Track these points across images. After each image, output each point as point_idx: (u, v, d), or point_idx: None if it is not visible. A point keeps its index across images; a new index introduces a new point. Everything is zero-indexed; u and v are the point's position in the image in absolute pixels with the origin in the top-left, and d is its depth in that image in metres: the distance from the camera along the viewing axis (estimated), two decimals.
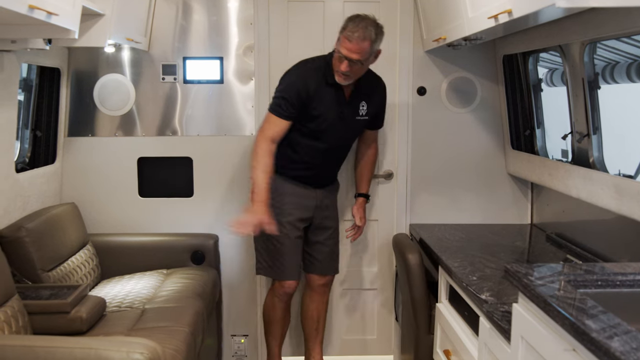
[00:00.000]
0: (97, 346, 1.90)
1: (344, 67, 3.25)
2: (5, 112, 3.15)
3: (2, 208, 3.20)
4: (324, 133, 3.45)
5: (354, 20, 3.24)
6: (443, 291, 3.28)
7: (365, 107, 3.54)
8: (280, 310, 3.69)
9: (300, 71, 3.41)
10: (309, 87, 3.34)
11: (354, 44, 3.20)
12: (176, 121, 3.99)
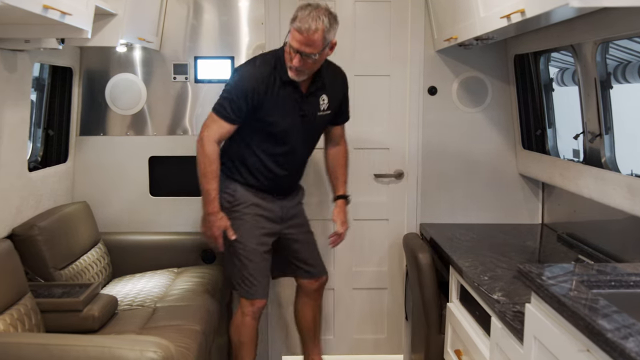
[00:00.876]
0: (110, 345, 1.91)
1: (296, 61, 2.98)
2: (18, 112, 3.17)
3: (15, 207, 3.22)
4: (285, 135, 3.19)
5: (305, 9, 2.95)
6: (454, 291, 3.27)
7: (326, 100, 3.24)
8: (252, 330, 3.37)
9: (250, 68, 3.12)
10: (259, 88, 3.06)
11: (304, 35, 2.91)
12: (187, 120, 4.00)
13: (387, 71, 4.01)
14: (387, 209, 4.11)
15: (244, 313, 3.31)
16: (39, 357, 1.93)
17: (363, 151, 4.05)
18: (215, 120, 3.12)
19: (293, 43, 2.95)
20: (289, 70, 3.05)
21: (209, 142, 3.11)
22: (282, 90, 3.11)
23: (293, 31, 2.95)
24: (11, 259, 2.82)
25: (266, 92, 3.07)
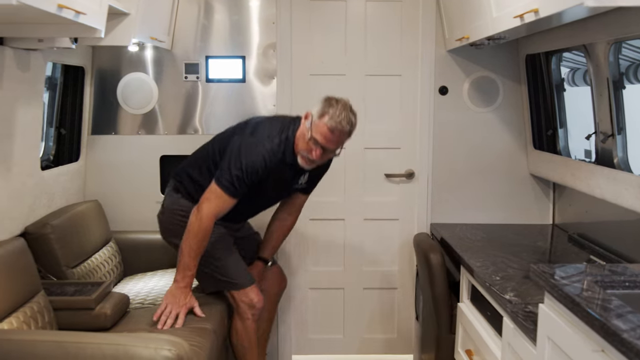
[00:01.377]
0: (125, 342, 1.92)
1: (316, 155, 2.97)
2: (31, 111, 3.19)
3: (28, 205, 3.24)
4: (261, 193, 3.20)
5: (334, 106, 2.96)
6: (465, 291, 3.27)
7: (306, 176, 3.30)
8: (254, 332, 3.32)
9: (266, 152, 2.99)
10: (269, 168, 3.01)
11: (336, 135, 2.94)
12: (198, 120, 4.02)
13: (398, 71, 4.01)
14: (397, 208, 4.11)
15: (243, 318, 3.25)
16: (54, 355, 1.94)
17: (374, 151, 4.06)
18: (220, 197, 2.98)
19: (319, 138, 2.93)
20: (302, 158, 3.03)
21: (209, 219, 2.98)
22: (282, 168, 3.10)
23: (322, 127, 2.92)
24: (24, 257, 2.83)
25: (273, 170, 3.04)
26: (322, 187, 4.01)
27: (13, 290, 2.64)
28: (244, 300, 3.22)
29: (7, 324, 2.54)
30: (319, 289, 4.16)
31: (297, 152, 3.03)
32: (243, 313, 3.25)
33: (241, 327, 3.30)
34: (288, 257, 4.10)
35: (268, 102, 4.00)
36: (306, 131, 2.97)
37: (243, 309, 3.24)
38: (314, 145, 2.95)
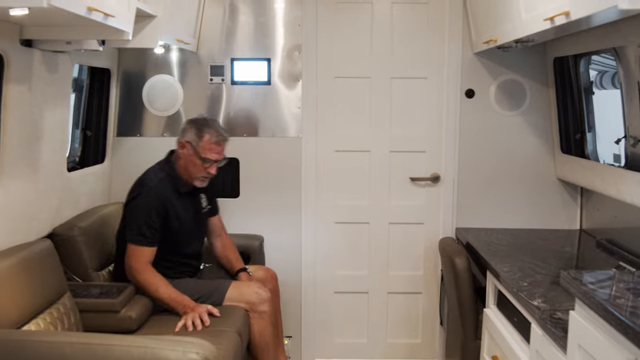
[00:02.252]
0: (153, 345, 1.91)
1: (214, 170, 3.28)
2: (58, 112, 3.20)
3: (55, 206, 3.25)
4: (185, 239, 3.35)
5: (206, 124, 3.27)
6: (491, 296, 3.23)
7: (204, 198, 3.49)
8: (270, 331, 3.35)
9: (152, 191, 3.20)
10: (165, 202, 3.20)
11: (222, 146, 3.27)
12: (223, 122, 4.01)
13: (424, 73, 3.98)
14: (422, 212, 4.08)
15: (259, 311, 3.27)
16: (82, 357, 1.94)
17: (399, 154, 4.03)
18: (137, 250, 3.14)
19: (212, 156, 3.24)
20: (198, 180, 3.29)
21: (141, 271, 3.12)
22: (181, 201, 3.29)
23: (209, 146, 3.22)
24: (51, 258, 2.85)
25: (171, 205, 3.22)
26: (347, 190, 4.03)
27: (40, 292, 2.66)
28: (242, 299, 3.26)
29: (34, 325, 2.56)
30: (343, 292, 4.14)
31: (193, 178, 3.28)
32: (255, 308, 3.26)
33: (257, 326, 3.29)
34: (312, 259, 4.09)
35: (293, 105, 3.99)
36: (191, 157, 3.24)
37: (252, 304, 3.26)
38: (208, 163, 3.24)
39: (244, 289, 3.32)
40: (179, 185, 3.29)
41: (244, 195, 4.06)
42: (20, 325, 2.48)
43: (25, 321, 2.52)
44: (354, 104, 4.02)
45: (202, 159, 3.22)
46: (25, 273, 2.61)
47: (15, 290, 2.52)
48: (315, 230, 4.08)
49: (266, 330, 3.30)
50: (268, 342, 3.32)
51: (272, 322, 3.35)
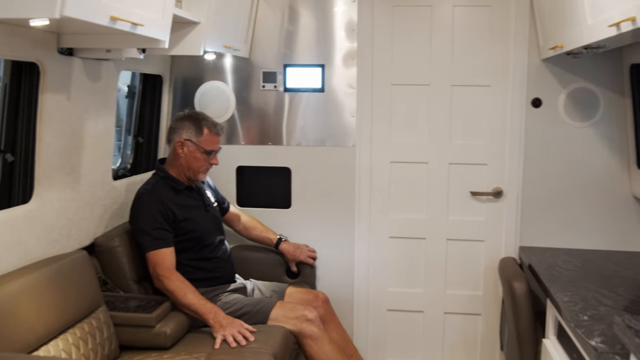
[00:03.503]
0: None
1: (217, 160, 3.33)
2: (102, 121, 3.16)
3: (98, 216, 3.21)
4: (204, 232, 3.31)
5: (200, 117, 3.29)
6: (551, 326, 2.96)
7: (210, 194, 3.51)
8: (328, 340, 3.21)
9: (147, 195, 3.20)
10: (165, 202, 3.16)
11: (220, 135, 3.35)
12: (275, 130, 3.90)
13: (487, 81, 3.73)
14: (483, 229, 3.82)
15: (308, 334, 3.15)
16: None
17: (459, 166, 3.79)
18: (156, 257, 3.09)
19: (214, 147, 3.30)
20: (200, 174, 3.31)
21: (165, 276, 3.06)
22: (183, 198, 3.28)
23: (209, 137, 3.26)
24: (86, 270, 2.79)
25: (173, 203, 3.20)
26: (402, 204, 3.84)
27: (70, 305, 2.60)
28: (291, 316, 3.16)
29: (62, 340, 2.50)
30: (397, 310, 3.94)
31: (197, 173, 3.29)
32: (303, 330, 3.14)
33: (311, 350, 3.15)
34: (365, 275, 3.91)
35: (347, 113, 3.82)
36: (194, 153, 3.25)
37: (298, 327, 3.15)
38: (210, 155, 3.28)
39: (289, 311, 3.19)
40: (176, 184, 3.27)
41: (295, 206, 3.92)
42: (46, 341, 2.42)
43: (52, 336, 2.46)
44: (412, 112, 3.81)
45: (206, 152, 3.25)
46: (54, 286, 2.55)
47: (43, 303, 2.46)
48: (369, 245, 3.90)
49: (323, 354, 3.14)
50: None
51: (332, 343, 3.20)
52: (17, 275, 2.45)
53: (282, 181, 3.92)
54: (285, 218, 3.92)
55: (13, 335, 2.24)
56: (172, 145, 3.29)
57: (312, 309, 3.22)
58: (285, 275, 3.77)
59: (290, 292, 3.45)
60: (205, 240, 3.31)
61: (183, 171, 3.28)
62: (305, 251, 3.76)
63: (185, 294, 3.00)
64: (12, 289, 2.35)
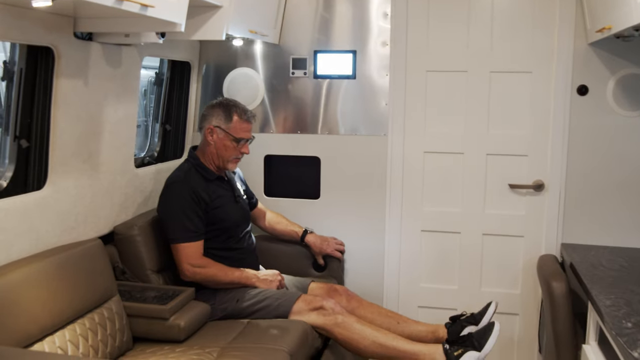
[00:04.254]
0: None
1: (248, 149, 3.24)
2: (123, 107, 3.08)
3: (119, 204, 3.14)
4: (232, 222, 3.23)
5: (230, 104, 3.21)
6: (592, 331, 2.75)
7: (238, 184, 3.43)
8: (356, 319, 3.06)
9: (180, 184, 3.11)
10: (197, 191, 3.08)
11: (251, 123, 3.23)
12: (305, 118, 3.76)
13: (528, 67, 3.51)
14: (522, 224, 3.61)
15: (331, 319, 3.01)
16: None
17: (497, 157, 3.59)
18: (184, 250, 3.04)
19: (244, 134, 3.19)
20: (230, 163, 3.21)
21: (205, 266, 3.06)
22: (214, 187, 3.19)
23: (239, 125, 3.17)
24: (98, 259, 2.72)
25: (205, 191, 3.13)
26: (436, 196, 3.66)
27: (80, 295, 2.53)
28: (310, 308, 3.03)
29: (70, 330, 2.44)
30: (429, 307, 3.77)
31: (227, 162, 3.20)
32: (327, 322, 3.01)
33: (341, 337, 2.99)
34: (395, 269, 3.75)
35: (380, 101, 3.66)
36: (223, 141, 3.16)
37: (322, 320, 3.01)
38: (241, 143, 3.18)
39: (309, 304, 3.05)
40: (207, 174, 3.18)
41: (324, 196, 3.79)
42: (52, 332, 2.35)
43: (59, 327, 2.39)
44: (447, 100, 3.62)
45: (236, 139, 3.16)
46: (63, 274, 2.49)
47: (50, 293, 2.39)
48: (400, 238, 3.73)
49: (356, 334, 2.97)
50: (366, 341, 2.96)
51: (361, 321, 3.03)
52: (25, 262, 2.40)
53: (311, 171, 3.79)
54: (314, 209, 3.79)
55: (13, 326, 2.18)
56: (203, 133, 3.20)
57: (330, 299, 3.09)
58: (311, 269, 3.65)
59: (312, 288, 3.32)
60: (233, 231, 3.22)
61: (213, 160, 3.20)
62: (333, 244, 3.62)
63: (226, 273, 3.06)
64: (16, 277, 2.29)
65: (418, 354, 2.94)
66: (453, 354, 2.90)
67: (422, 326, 3.21)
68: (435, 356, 2.92)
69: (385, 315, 3.27)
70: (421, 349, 2.95)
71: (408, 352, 2.95)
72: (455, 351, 2.90)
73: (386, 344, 2.96)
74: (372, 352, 2.98)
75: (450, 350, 2.91)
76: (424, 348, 2.95)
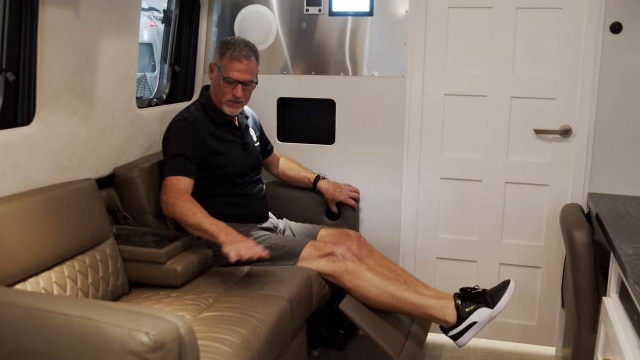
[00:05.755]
0: (98, 317, 1.57)
1: (239, 92, 2.99)
2: (122, 42, 2.93)
3: (120, 145, 3.03)
4: (237, 170, 3.08)
5: (229, 42, 3.02)
6: (613, 282, 2.55)
7: (254, 133, 3.28)
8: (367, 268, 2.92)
9: (183, 123, 3.00)
10: (200, 131, 2.98)
11: (244, 63, 2.98)
12: (319, 59, 3.57)
13: (558, 3, 3.23)
14: (548, 172, 3.39)
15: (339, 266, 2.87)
16: (19, 321, 1.65)
17: (522, 101, 3.35)
18: (171, 183, 2.85)
19: (234, 75, 2.97)
20: (226, 105, 3.04)
21: (177, 199, 2.80)
22: (221, 132, 3.08)
23: (230, 63, 2.97)
24: (91, 200, 2.61)
25: (209, 136, 3.01)
26: (457, 142, 3.48)
27: (69, 236, 2.43)
28: (321, 254, 2.91)
29: (57, 272, 2.34)
30: (448, 259, 3.59)
31: (222, 104, 3.04)
32: (336, 268, 2.88)
33: (351, 285, 2.86)
34: (413, 219, 3.58)
35: (398, 40, 3.44)
36: (218, 80, 3.03)
37: (331, 266, 2.89)
38: (232, 84, 2.99)
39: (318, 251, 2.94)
40: (216, 116, 3.07)
41: (339, 142, 3.61)
42: (36, 273, 2.25)
43: (44, 268, 2.29)
44: (470, 39, 3.38)
45: (225, 79, 2.98)
46: (51, 214, 2.38)
47: (35, 232, 2.28)
48: (418, 186, 3.55)
49: (366, 282, 2.84)
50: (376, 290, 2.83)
51: (372, 270, 2.91)
52: (7, 200, 2.29)
53: (326, 115, 3.62)
54: (329, 155, 3.63)
55: None
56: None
57: (341, 246, 2.95)
58: (324, 217, 3.50)
59: (322, 235, 3.18)
60: (239, 179, 3.09)
61: (215, 101, 3.08)
62: (347, 191, 3.46)
63: (195, 213, 2.73)
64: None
65: (429, 307, 2.82)
66: (465, 310, 2.79)
67: (430, 291, 3.04)
68: (446, 310, 2.81)
69: (395, 272, 3.12)
70: (432, 303, 2.83)
71: (419, 305, 2.83)
72: (468, 307, 2.79)
73: (397, 294, 2.83)
74: (382, 302, 2.85)
75: (463, 306, 2.80)
76: (436, 302, 2.84)
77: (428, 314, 2.83)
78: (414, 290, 2.91)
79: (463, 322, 2.77)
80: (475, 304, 2.81)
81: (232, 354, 2.09)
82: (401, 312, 2.88)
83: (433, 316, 2.82)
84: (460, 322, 2.77)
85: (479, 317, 2.77)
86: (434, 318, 2.83)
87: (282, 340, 2.48)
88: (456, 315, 2.79)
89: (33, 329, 1.65)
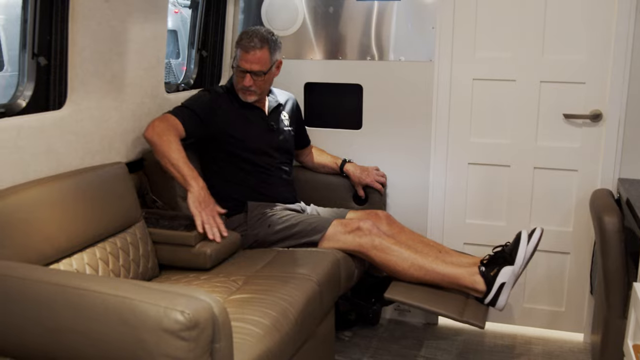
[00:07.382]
0: (134, 296, 1.58)
1: (247, 81, 3.06)
2: (151, 26, 2.94)
3: None
4: (254, 149, 3.15)
5: (247, 32, 3.10)
6: None
7: (286, 117, 3.33)
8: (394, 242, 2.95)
9: (203, 91, 3.20)
10: (218, 102, 3.10)
11: (251, 54, 3.04)
12: (347, 43, 3.55)
13: None
14: (577, 157, 3.35)
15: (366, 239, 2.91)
16: (54, 299, 1.67)
17: (551, 85, 3.31)
18: (166, 115, 2.96)
19: (242, 64, 3.06)
20: (240, 92, 3.13)
21: (164, 130, 2.86)
22: (243, 111, 3.16)
23: (240, 52, 3.07)
24: (121, 183, 2.64)
25: (229, 110, 3.12)
26: (485, 126, 3.45)
27: (100, 219, 2.46)
28: (347, 230, 2.94)
29: (89, 254, 2.37)
30: (475, 244, 3.56)
31: (237, 90, 3.14)
32: (363, 243, 2.91)
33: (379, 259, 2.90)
34: (440, 204, 3.56)
35: (425, 24, 3.42)
36: (235, 67, 3.12)
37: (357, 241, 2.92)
38: (241, 73, 3.07)
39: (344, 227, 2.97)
40: (239, 98, 3.16)
41: (366, 126, 3.60)
42: (69, 254, 2.29)
43: (77, 249, 2.33)
44: (498, 22, 3.34)
45: (236, 67, 3.11)
46: (82, 197, 2.42)
47: (67, 214, 2.32)
48: (446, 171, 3.53)
49: (394, 256, 2.88)
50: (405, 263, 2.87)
51: (400, 243, 2.96)
52: (41, 182, 2.32)
53: (353, 100, 3.60)
54: (355, 139, 3.62)
55: (25, 244, 2.10)
56: None
57: (368, 220, 2.98)
58: (352, 202, 3.50)
59: (350, 216, 3.20)
60: (258, 157, 3.15)
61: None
62: (373, 174, 3.46)
63: (178, 149, 2.81)
64: (30, 195, 2.22)
65: (459, 277, 2.86)
66: (489, 274, 2.82)
67: (465, 258, 3.06)
68: (474, 278, 2.84)
69: (427, 244, 3.15)
70: (462, 271, 2.86)
71: (448, 275, 2.86)
72: (491, 271, 2.82)
73: (425, 266, 2.87)
74: (411, 275, 2.88)
75: (487, 271, 2.83)
76: (464, 271, 2.87)
77: (459, 284, 2.86)
78: (442, 261, 2.94)
79: (492, 287, 2.80)
80: (497, 267, 2.83)
81: (261, 334, 2.11)
82: (434, 284, 2.89)
83: (464, 285, 2.85)
84: (490, 287, 2.80)
85: (505, 277, 2.79)
86: (465, 287, 2.85)
87: (310, 322, 2.50)
88: (484, 282, 2.81)
89: (69, 307, 1.67)
